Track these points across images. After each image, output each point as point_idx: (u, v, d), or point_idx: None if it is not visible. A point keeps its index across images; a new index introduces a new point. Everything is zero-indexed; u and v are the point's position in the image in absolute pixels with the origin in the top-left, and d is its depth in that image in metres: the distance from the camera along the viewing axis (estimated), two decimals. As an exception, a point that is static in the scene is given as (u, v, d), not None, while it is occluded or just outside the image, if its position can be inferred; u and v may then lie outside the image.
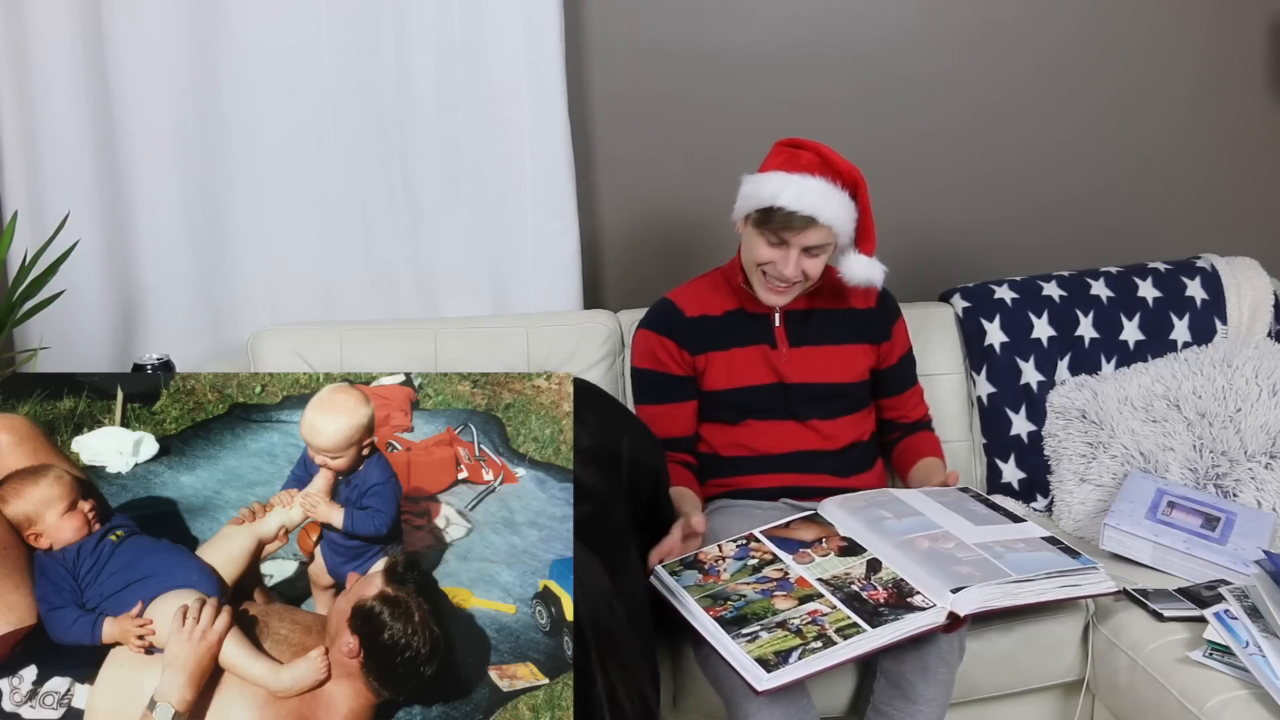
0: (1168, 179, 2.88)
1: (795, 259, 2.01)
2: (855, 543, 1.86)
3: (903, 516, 1.92)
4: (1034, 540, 1.88)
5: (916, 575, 1.77)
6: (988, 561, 1.79)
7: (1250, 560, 1.94)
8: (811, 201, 1.98)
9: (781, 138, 2.09)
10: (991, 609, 1.74)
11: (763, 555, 1.87)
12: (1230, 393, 2.36)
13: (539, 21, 2.45)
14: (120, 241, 2.45)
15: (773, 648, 1.66)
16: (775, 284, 2.06)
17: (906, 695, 1.80)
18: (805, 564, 1.83)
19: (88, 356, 2.45)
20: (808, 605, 1.74)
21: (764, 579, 1.81)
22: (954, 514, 1.93)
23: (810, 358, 2.15)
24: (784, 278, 2.04)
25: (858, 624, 1.68)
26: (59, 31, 2.32)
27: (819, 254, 2.04)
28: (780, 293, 2.08)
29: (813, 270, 2.05)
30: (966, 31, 2.74)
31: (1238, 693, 1.70)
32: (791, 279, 2.03)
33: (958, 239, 2.82)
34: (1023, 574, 1.77)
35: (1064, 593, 1.81)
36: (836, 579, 1.78)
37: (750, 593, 1.78)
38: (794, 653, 1.64)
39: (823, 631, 1.68)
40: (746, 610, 1.74)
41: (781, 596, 1.77)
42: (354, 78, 2.45)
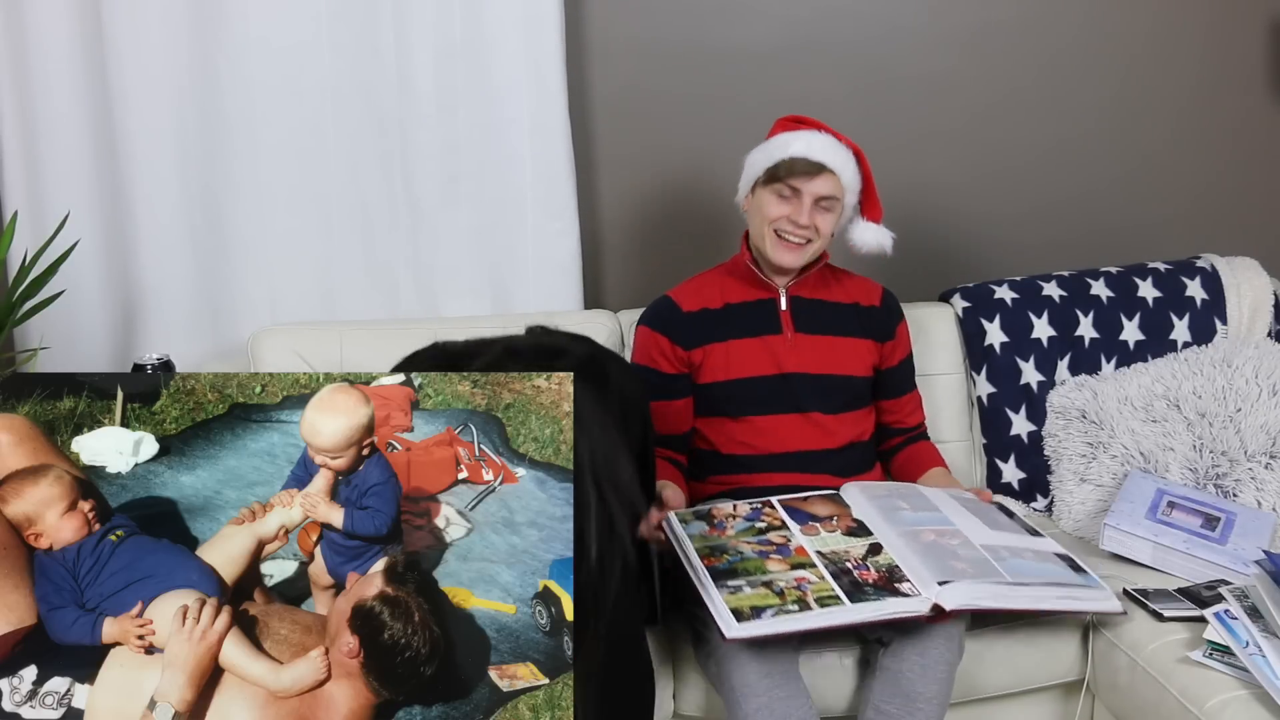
0: (1168, 179, 2.88)
1: (809, 207, 2.07)
2: (864, 525, 1.89)
3: (919, 510, 1.95)
4: (1044, 553, 1.89)
5: (911, 564, 1.79)
6: (987, 562, 1.80)
7: (1250, 560, 1.94)
8: (821, 149, 2.07)
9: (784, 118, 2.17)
10: (981, 608, 1.76)
11: (772, 520, 1.92)
12: (1230, 393, 2.36)
13: (539, 21, 2.45)
14: (120, 241, 2.45)
15: (750, 602, 1.71)
16: (788, 240, 2.09)
17: (906, 694, 1.80)
18: (810, 536, 1.86)
19: (88, 356, 2.45)
20: (797, 572, 1.78)
21: (765, 541, 1.86)
22: (971, 516, 1.95)
23: (816, 347, 2.16)
24: (798, 227, 2.07)
25: (838, 596, 1.72)
26: (59, 31, 2.33)
27: (829, 208, 2.09)
28: (794, 250, 2.10)
29: (824, 225, 2.09)
30: (967, 31, 2.74)
31: (1238, 693, 1.70)
32: (805, 227, 2.07)
33: (958, 239, 2.82)
34: (1018, 578, 1.77)
35: (1062, 604, 1.83)
36: (834, 554, 1.82)
37: (748, 550, 1.83)
38: (769, 610, 1.69)
39: (803, 597, 1.72)
40: (739, 565, 1.79)
41: (776, 560, 1.81)
42: (354, 78, 2.45)
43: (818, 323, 2.17)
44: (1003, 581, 1.76)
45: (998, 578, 1.76)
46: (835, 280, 2.23)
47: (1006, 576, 1.77)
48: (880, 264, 2.33)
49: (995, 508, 2.05)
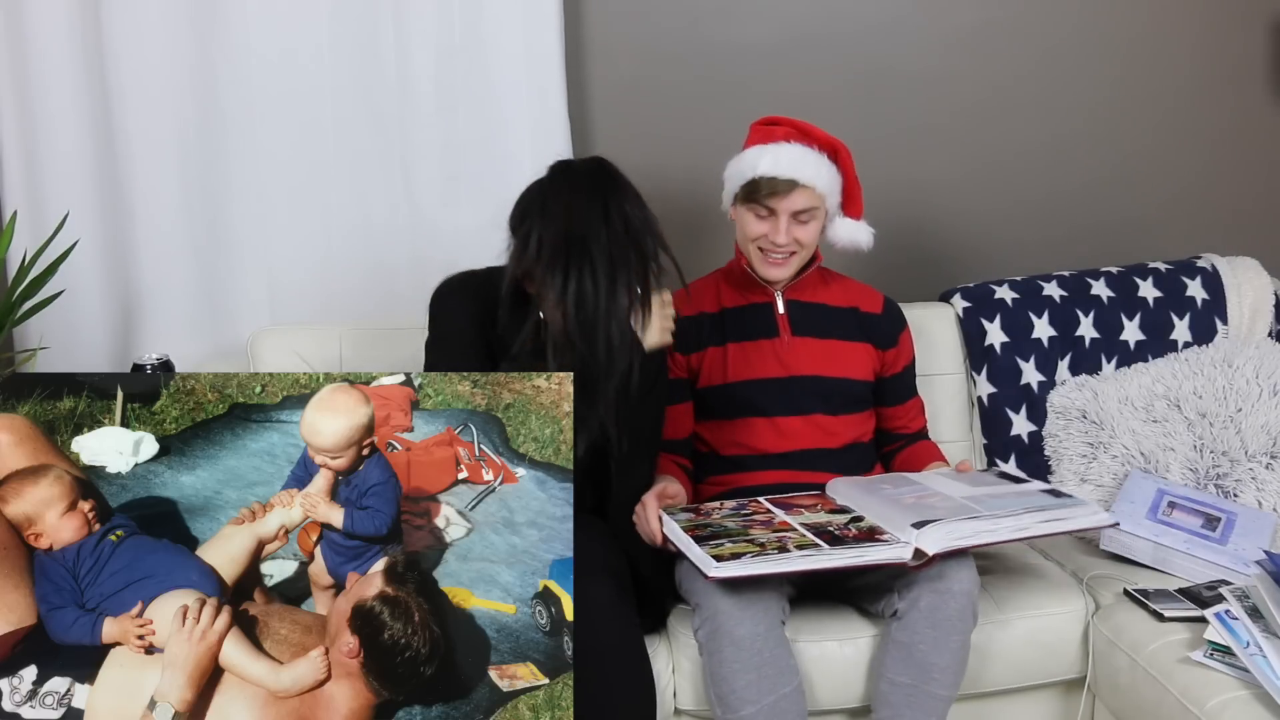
0: (1168, 179, 2.87)
1: (785, 226, 2.04)
2: (847, 507, 1.92)
3: (900, 485, 1.97)
4: (1028, 493, 1.91)
5: (892, 519, 1.81)
6: (965, 506, 1.82)
7: (1251, 560, 1.94)
8: (789, 164, 2.03)
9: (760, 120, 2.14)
10: (963, 546, 1.76)
11: (757, 509, 1.94)
12: (1231, 393, 2.36)
13: (539, 21, 2.45)
14: (120, 241, 2.45)
15: (730, 550, 1.73)
16: (772, 257, 2.08)
17: (920, 665, 1.79)
18: (794, 516, 1.88)
19: (88, 356, 2.45)
20: (779, 534, 1.80)
21: (750, 520, 1.88)
22: (954, 481, 1.98)
23: (814, 350, 2.15)
24: (778, 246, 2.06)
25: (818, 544, 1.74)
26: (59, 31, 2.32)
27: (808, 220, 2.06)
28: (779, 265, 2.09)
29: (805, 237, 2.07)
30: (967, 30, 2.74)
31: (1238, 693, 1.70)
32: (785, 247, 2.06)
33: (958, 239, 2.82)
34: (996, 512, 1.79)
35: (1048, 527, 1.82)
36: (817, 524, 1.84)
37: (731, 524, 1.86)
38: (748, 555, 1.71)
39: (783, 545, 1.74)
40: (722, 532, 1.82)
41: (760, 528, 1.83)
42: (354, 78, 2.45)
43: (815, 326, 2.17)
44: (979, 516, 1.77)
45: (976, 515, 1.78)
46: (833, 283, 2.22)
47: (981, 511, 1.79)
48: (881, 264, 2.33)
49: (979, 472, 2.06)
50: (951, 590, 1.80)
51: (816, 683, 1.90)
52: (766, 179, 2.03)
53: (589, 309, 1.74)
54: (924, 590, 1.81)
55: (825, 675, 1.91)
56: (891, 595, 1.85)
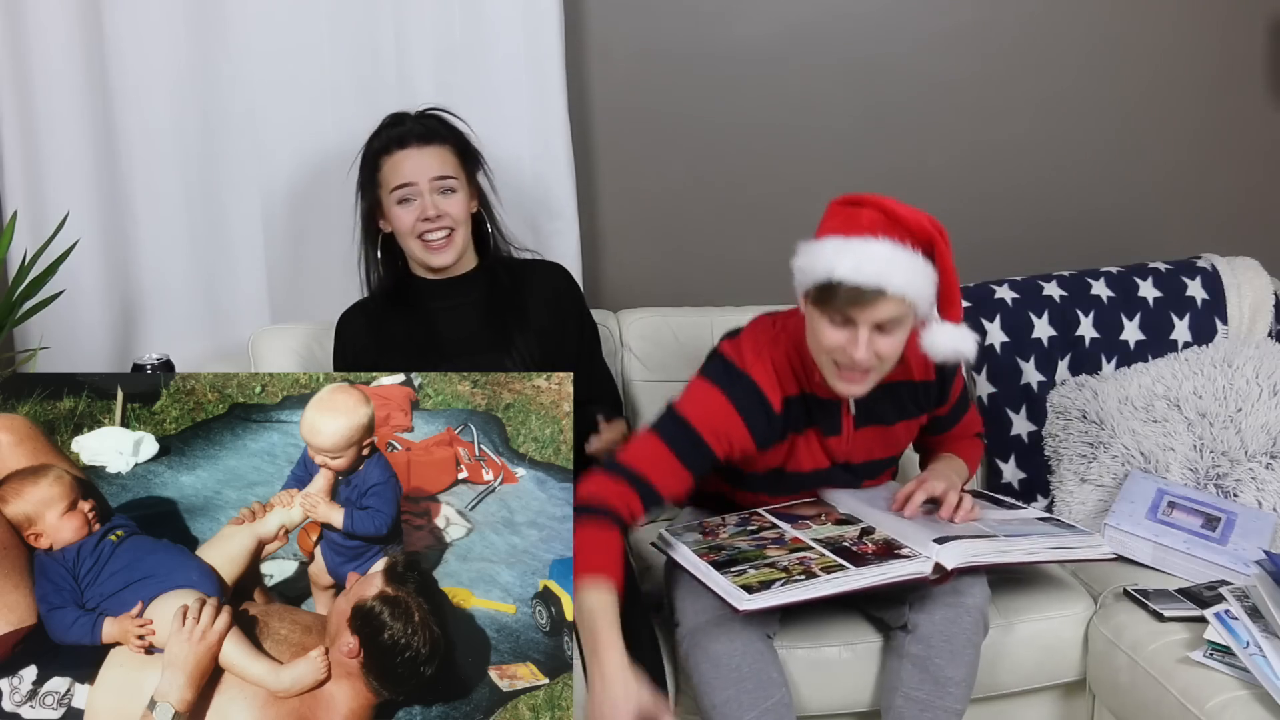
0: (1168, 179, 2.87)
1: (866, 340, 1.70)
2: (852, 516, 1.91)
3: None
4: (1029, 520, 1.95)
5: (906, 533, 1.80)
6: (978, 527, 1.84)
7: (1251, 560, 1.94)
8: (875, 269, 1.67)
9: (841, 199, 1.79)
10: (981, 564, 1.77)
11: (762, 524, 1.92)
12: (1231, 393, 2.36)
13: (539, 21, 2.44)
14: (120, 241, 2.45)
15: (758, 578, 1.70)
16: (848, 373, 1.76)
17: (935, 679, 1.79)
18: (802, 530, 1.87)
19: (88, 356, 2.45)
20: (798, 553, 1.78)
21: (760, 537, 1.86)
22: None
23: (870, 438, 1.96)
24: (855, 364, 1.73)
25: (843, 565, 1.72)
26: (59, 31, 2.32)
27: (894, 330, 1.73)
28: (856, 382, 1.77)
29: (888, 350, 1.74)
30: (968, 31, 2.73)
31: (1238, 693, 1.70)
32: (865, 365, 1.73)
33: (957, 239, 2.77)
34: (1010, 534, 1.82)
35: (1056, 554, 1.85)
36: (830, 539, 1.82)
37: (745, 545, 1.83)
38: (777, 583, 1.68)
39: (808, 569, 1.72)
40: (739, 556, 1.79)
41: (774, 548, 1.81)
42: (354, 78, 2.45)
43: (876, 415, 1.94)
44: (997, 537, 1.80)
45: (992, 536, 1.80)
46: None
47: (999, 533, 1.81)
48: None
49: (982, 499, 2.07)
50: (966, 605, 1.80)
51: (816, 688, 1.90)
52: (847, 286, 1.68)
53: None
54: (940, 605, 1.80)
55: (825, 681, 1.91)
56: (903, 607, 1.84)
